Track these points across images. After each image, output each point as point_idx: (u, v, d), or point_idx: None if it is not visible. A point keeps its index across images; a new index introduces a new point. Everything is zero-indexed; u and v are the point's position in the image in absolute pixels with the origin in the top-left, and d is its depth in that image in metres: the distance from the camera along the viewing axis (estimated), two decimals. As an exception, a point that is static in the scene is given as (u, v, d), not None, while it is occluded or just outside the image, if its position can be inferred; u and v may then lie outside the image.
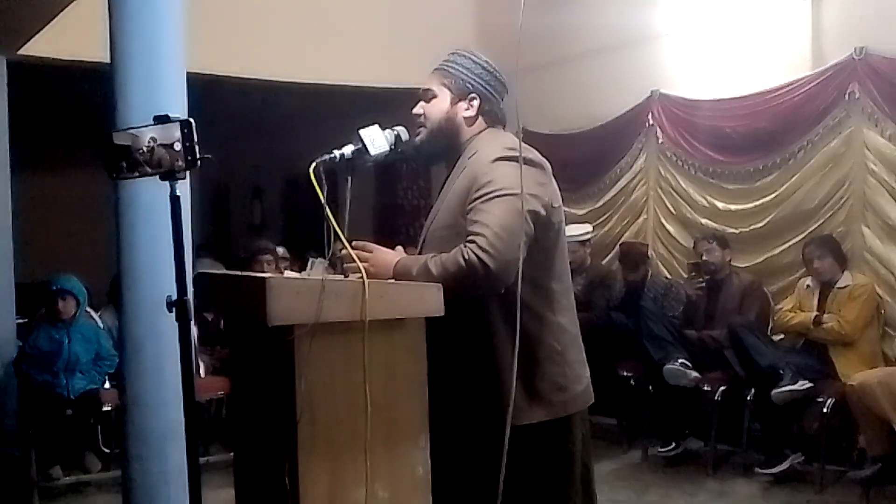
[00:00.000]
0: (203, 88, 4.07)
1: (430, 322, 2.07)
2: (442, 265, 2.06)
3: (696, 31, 5.73)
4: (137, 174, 1.87)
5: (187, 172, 1.89)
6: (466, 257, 2.03)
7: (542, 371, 2.19)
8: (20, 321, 5.64)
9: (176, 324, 2.00)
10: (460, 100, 2.31)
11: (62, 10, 4.58)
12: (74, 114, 7.58)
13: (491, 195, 2.10)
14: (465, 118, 2.32)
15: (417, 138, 2.33)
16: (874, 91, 4.78)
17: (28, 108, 5.82)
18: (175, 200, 1.89)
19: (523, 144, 2.19)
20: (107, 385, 5.30)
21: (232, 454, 2.55)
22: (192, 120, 1.85)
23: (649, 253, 5.95)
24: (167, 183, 1.90)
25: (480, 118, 2.33)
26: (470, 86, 2.31)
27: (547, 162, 2.28)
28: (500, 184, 2.11)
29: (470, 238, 2.06)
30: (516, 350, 2.08)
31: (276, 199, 10.75)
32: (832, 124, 5.00)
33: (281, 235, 9.77)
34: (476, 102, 2.31)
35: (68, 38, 4.95)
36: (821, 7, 5.10)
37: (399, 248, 2.29)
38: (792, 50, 5.22)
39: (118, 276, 5.56)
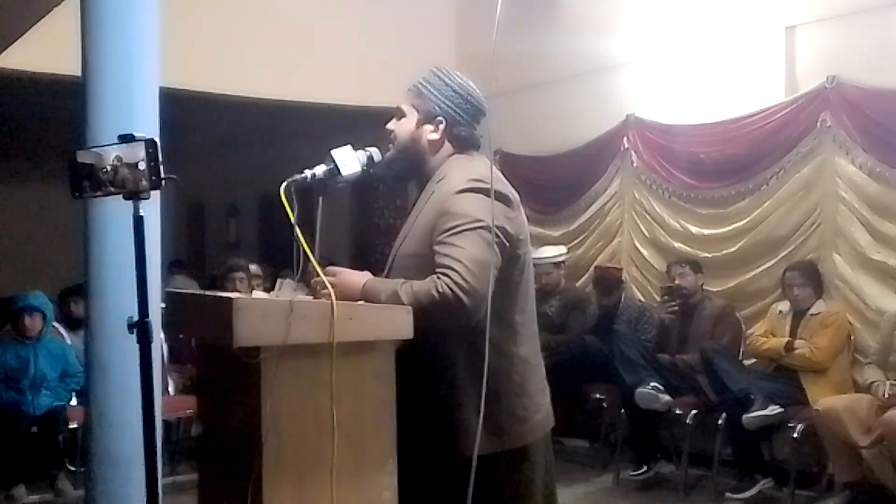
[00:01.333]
0: (178, 105, 4.05)
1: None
2: (414, 295, 2.03)
3: (671, 57, 5.78)
4: (101, 193, 1.85)
5: (151, 192, 1.87)
6: (441, 290, 2.00)
7: (500, 403, 2.16)
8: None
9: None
10: (427, 122, 2.28)
11: (35, 23, 4.54)
12: (43, 127, 7.53)
13: (458, 228, 2.07)
14: (429, 141, 2.28)
15: (387, 155, 2.32)
16: (846, 120, 4.83)
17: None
18: (139, 221, 1.87)
19: (495, 175, 2.16)
20: (73, 402, 5.22)
21: (199, 474, 2.50)
22: (156, 140, 1.82)
23: (623, 277, 5.97)
24: (128, 201, 1.87)
25: (447, 143, 2.29)
26: (438, 108, 2.27)
27: (515, 193, 2.25)
28: (467, 216, 2.08)
29: (441, 271, 2.03)
30: (484, 382, 2.05)
31: (252, 216, 10.69)
32: (804, 152, 5.05)
33: (256, 253, 9.72)
34: (442, 126, 2.27)
35: (40, 51, 4.91)
36: (794, 36, 5.16)
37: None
38: (765, 77, 5.28)
39: (66, 292, 5.46)
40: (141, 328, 1.86)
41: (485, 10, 6.49)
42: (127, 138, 1.82)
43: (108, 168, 1.82)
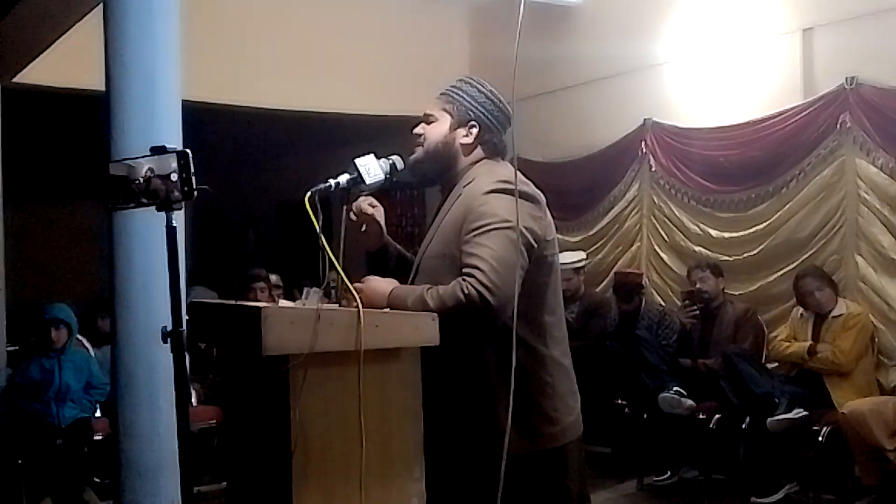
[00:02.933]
0: (196, 116, 4.08)
1: (422, 354, 2.06)
2: (440, 298, 2.05)
3: (688, 61, 5.78)
4: (134, 205, 1.87)
5: (183, 203, 1.89)
6: (466, 292, 2.02)
7: (532, 404, 2.18)
8: (10, 349, 5.59)
9: (169, 354, 1.99)
10: (460, 126, 2.31)
11: (58, 39, 4.60)
12: (67, 141, 7.61)
13: (486, 228, 2.10)
14: (462, 145, 2.32)
15: (412, 157, 2.34)
16: (865, 121, 4.81)
17: (21, 136, 5.82)
18: (171, 231, 1.89)
19: (520, 177, 2.19)
20: (98, 414, 5.24)
21: (223, 484, 2.52)
22: (189, 151, 1.84)
23: (643, 282, 5.95)
24: (162, 213, 1.89)
25: (479, 147, 2.32)
26: (471, 113, 2.31)
27: (542, 195, 2.27)
28: (494, 216, 2.11)
29: (467, 271, 2.05)
30: (512, 384, 2.05)
31: (269, 226, 10.73)
32: (824, 153, 5.03)
33: (274, 263, 9.74)
34: (475, 130, 2.30)
35: (63, 67, 4.96)
36: (812, 38, 5.15)
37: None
38: (783, 80, 5.26)
39: (90, 305, 5.50)
40: (175, 338, 1.88)
41: (498, 18, 6.53)
42: (159, 150, 1.84)
43: (141, 180, 1.84)
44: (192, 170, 1.83)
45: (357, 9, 6.61)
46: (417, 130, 2.36)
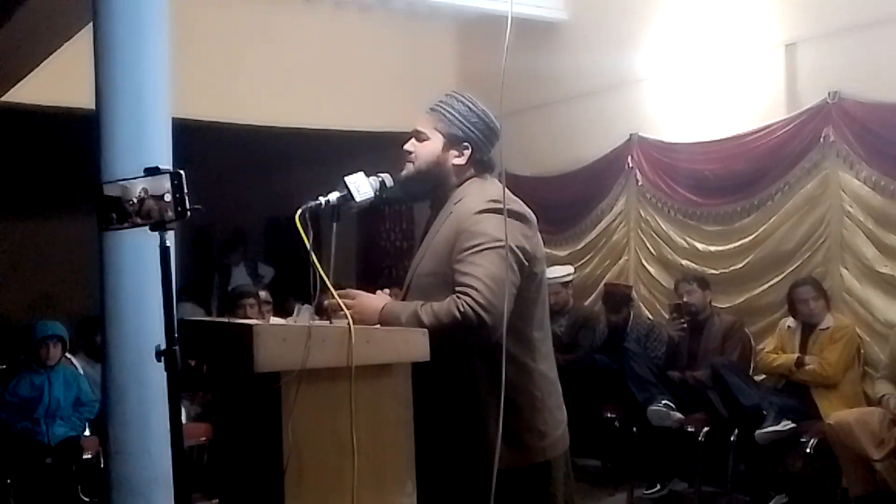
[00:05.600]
0: (185, 132, 4.10)
1: (413, 369, 2.08)
2: (434, 315, 2.07)
3: (674, 77, 5.84)
4: (128, 225, 1.88)
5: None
6: (462, 309, 2.04)
7: (522, 418, 2.20)
8: (-1, 368, 5.56)
9: (160, 371, 2.00)
10: (452, 147, 2.30)
11: (48, 57, 4.61)
12: (56, 159, 7.60)
13: (479, 247, 2.12)
14: (454, 166, 2.31)
15: (403, 172, 2.33)
16: (848, 134, 4.87)
17: (10, 154, 5.82)
18: (165, 251, 1.90)
19: (509, 195, 2.21)
20: (87, 432, 5.22)
21: (214, 501, 2.52)
22: (182, 172, 1.86)
23: (632, 295, 5.98)
24: (155, 232, 1.91)
25: (471, 167, 2.32)
26: (463, 133, 2.29)
27: (532, 213, 2.29)
28: (487, 236, 2.13)
29: (462, 290, 2.07)
30: (502, 399, 2.07)
31: (258, 243, 10.71)
32: (808, 167, 5.08)
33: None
34: (468, 152, 2.30)
35: (53, 85, 4.97)
36: (795, 53, 5.21)
37: (384, 291, 2.30)
38: (767, 94, 5.32)
39: (87, 321, 5.48)
40: (169, 356, 1.89)
41: (485, 33, 6.58)
42: (152, 171, 1.86)
43: (135, 200, 1.85)
44: (186, 190, 1.85)
45: (345, 25, 6.65)
46: (408, 147, 2.34)
